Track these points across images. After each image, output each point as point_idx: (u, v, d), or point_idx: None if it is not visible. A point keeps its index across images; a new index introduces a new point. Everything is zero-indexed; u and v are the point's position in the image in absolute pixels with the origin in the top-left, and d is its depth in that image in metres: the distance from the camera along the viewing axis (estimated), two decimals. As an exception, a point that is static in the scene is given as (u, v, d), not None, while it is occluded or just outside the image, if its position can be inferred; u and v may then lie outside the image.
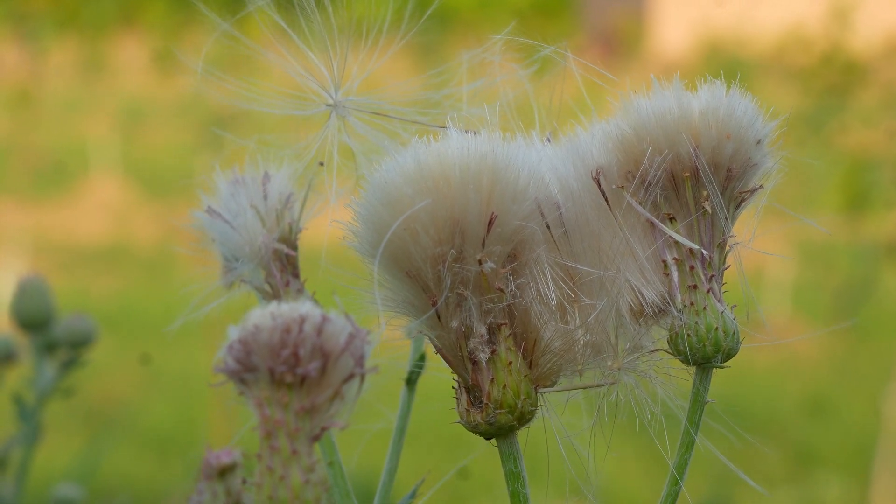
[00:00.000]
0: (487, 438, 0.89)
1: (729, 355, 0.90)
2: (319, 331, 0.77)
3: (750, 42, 10.21)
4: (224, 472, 0.85)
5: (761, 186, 0.91)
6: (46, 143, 11.15)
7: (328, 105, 1.01)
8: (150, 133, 12.85)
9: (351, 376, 0.79)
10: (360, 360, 0.79)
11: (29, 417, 1.62)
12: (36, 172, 9.97)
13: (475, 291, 0.85)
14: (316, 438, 0.78)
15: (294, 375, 0.77)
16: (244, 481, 0.83)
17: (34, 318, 1.70)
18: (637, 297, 0.89)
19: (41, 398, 1.66)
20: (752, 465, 5.21)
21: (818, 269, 7.88)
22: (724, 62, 8.69)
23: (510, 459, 0.88)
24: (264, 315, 0.77)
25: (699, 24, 11.47)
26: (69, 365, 1.69)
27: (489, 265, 0.85)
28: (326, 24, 1.00)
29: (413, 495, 0.97)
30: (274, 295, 0.99)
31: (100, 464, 4.52)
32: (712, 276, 0.90)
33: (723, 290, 0.91)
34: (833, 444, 5.66)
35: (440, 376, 0.94)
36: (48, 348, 1.72)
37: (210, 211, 0.99)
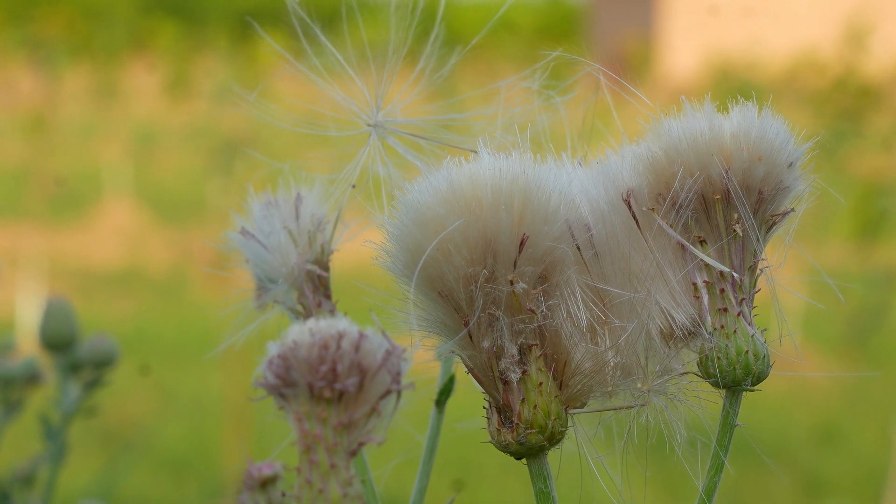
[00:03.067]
0: (518, 458, 0.89)
1: (759, 378, 0.89)
2: (357, 347, 0.78)
3: (761, 66, 10.20)
4: (266, 483, 0.86)
5: (793, 210, 0.91)
6: (61, 168, 11.20)
7: (369, 125, 1.02)
8: (162, 158, 12.90)
9: (387, 392, 0.80)
10: (396, 377, 0.80)
11: (55, 436, 1.63)
12: (51, 197, 10.01)
13: (507, 312, 0.85)
14: (353, 453, 0.79)
15: (332, 391, 0.77)
16: (283, 494, 0.84)
17: (59, 339, 1.71)
18: (667, 320, 0.89)
19: (66, 417, 1.67)
20: (762, 493, 5.18)
21: (830, 295, 7.85)
22: (734, 86, 8.67)
23: (540, 479, 0.88)
24: (303, 331, 0.78)
25: (709, 48, 11.48)
26: (93, 385, 1.70)
27: (520, 286, 0.85)
28: (363, 46, 1.00)
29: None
30: (306, 316, 1.00)
31: (117, 485, 4.52)
32: (743, 299, 0.89)
33: (753, 313, 0.91)
34: (843, 473, 5.62)
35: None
36: (72, 368, 1.73)
37: (244, 232, 1.00)
